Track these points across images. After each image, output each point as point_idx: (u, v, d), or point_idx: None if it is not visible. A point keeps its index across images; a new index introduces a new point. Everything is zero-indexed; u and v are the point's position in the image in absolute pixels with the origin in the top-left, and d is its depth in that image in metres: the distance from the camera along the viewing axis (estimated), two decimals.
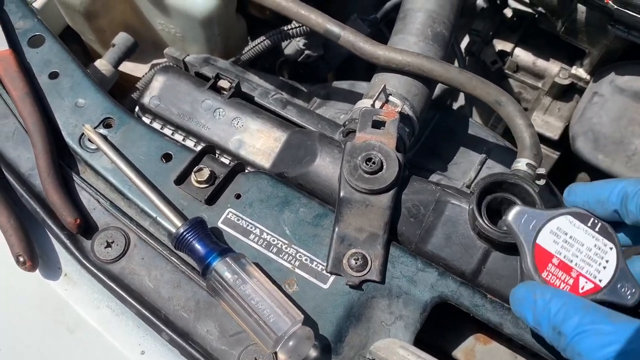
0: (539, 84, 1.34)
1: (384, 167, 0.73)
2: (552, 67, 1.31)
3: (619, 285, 0.61)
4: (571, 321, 0.55)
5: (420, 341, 0.70)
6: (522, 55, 1.33)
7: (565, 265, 0.63)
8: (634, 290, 0.61)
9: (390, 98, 0.80)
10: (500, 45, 1.34)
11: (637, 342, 0.50)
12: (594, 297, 0.61)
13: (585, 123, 1.13)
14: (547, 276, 0.63)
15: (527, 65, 1.33)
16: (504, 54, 1.34)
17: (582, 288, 0.62)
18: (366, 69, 1.39)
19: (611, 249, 0.62)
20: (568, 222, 0.64)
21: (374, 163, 0.73)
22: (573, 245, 0.64)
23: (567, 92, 1.32)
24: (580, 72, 1.25)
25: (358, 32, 0.82)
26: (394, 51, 0.80)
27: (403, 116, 0.79)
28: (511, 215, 0.65)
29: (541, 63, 1.32)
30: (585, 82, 1.24)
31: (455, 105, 1.49)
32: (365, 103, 0.80)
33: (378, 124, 0.76)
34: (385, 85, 0.78)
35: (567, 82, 1.27)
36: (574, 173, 1.35)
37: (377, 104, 0.78)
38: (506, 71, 1.35)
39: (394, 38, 0.87)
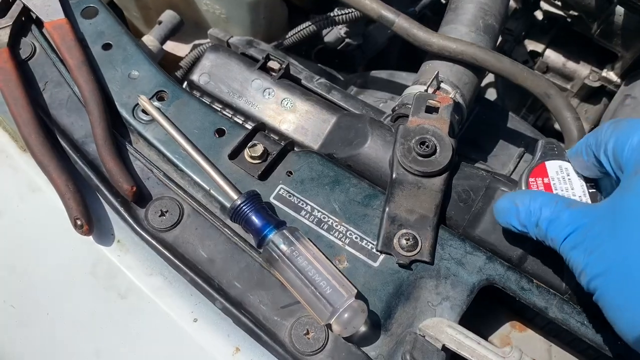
0: (568, 86, 1.36)
1: (437, 150, 0.74)
2: (582, 70, 1.33)
3: None
4: (544, 214, 0.63)
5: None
6: (553, 57, 1.35)
7: (549, 188, 0.71)
8: None
9: (442, 85, 0.81)
10: (531, 45, 1.37)
11: (589, 219, 0.59)
12: None
13: None
14: (531, 182, 0.72)
15: (557, 66, 1.35)
16: (535, 54, 1.36)
17: None
18: (397, 62, 1.41)
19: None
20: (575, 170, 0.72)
21: (427, 146, 0.74)
22: (566, 183, 0.71)
23: (595, 95, 1.34)
24: (610, 75, 1.27)
25: (412, 19, 0.84)
26: (448, 39, 0.82)
27: (454, 103, 0.80)
28: (545, 141, 0.74)
29: (571, 65, 1.34)
30: (616, 85, 1.26)
31: None
32: (416, 89, 0.82)
33: (430, 110, 0.78)
34: (438, 72, 0.79)
35: (597, 84, 1.29)
36: None
37: (430, 90, 0.80)
38: (536, 71, 1.37)
39: (445, 27, 0.89)
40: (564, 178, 0.72)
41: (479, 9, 0.88)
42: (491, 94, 1.45)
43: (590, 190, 0.70)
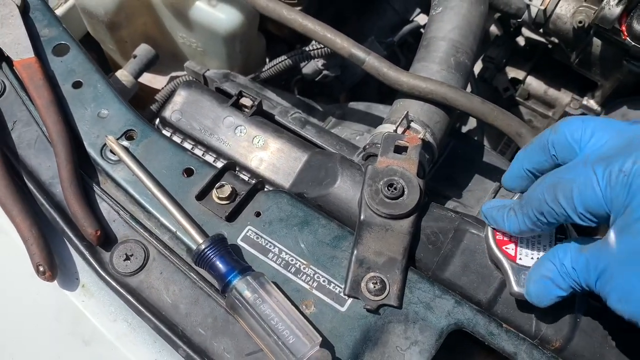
0: (550, 113, 1.35)
1: (405, 192, 0.74)
2: (563, 97, 1.33)
3: (522, 273, 0.68)
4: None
5: None
6: (534, 84, 1.35)
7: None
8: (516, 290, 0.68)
9: (412, 124, 0.81)
10: (512, 72, 1.36)
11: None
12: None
13: None
14: None
15: (539, 93, 1.35)
16: (516, 82, 1.36)
17: (507, 248, 0.70)
18: (378, 90, 1.41)
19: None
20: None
21: (395, 189, 0.73)
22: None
23: None
24: (591, 103, 1.27)
25: (382, 58, 0.83)
26: (418, 79, 0.81)
27: (424, 143, 0.80)
28: None
29: (552, 92, 1.34)
30: (596, 114, 1.26)
31: (465, 129, 1.50)
32: (386, 128, 0.81)
33: (400, 149, 0.77)
34: (408, 112, 0.79)
35: (577, 112, 1.28)
36: None
37: (399, 130, 0.79)
38: (517, 98, 1.37)
39: (417, 65, 0.89)
40: None
41: (450, 46, 0.87)
42: (472, 121, 1.45)
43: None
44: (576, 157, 0.60)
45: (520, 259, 0.69)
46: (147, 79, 1.17)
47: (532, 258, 0.69)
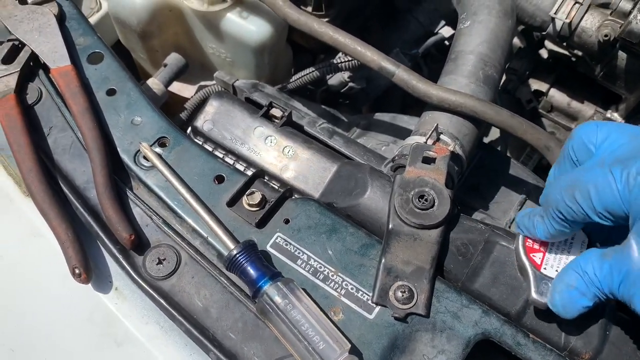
0: (572, 125, 1.36)
1: (436, 204, 0.75)
2: (587, 110, 1.33)
3: (543, 282, 0.69)
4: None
5: None
6: (557, 96, 1.36)
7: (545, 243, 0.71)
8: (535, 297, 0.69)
9: (442, 137, 0.82)
10: (535, 85, 1.37)
11: None
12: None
13: None
14: None
15: (562, 106, 1.35)
16: (539, 94, 1.37)
17: (535, 256, 0.71)
18: (401, 101, 1.42)
19: None
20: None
21: (426, 200, 0.74)
22: (566, 245, 0.71)
23: None
24: (615, 116, 1.27)
25: (411, 71, 0.84)
26: (448, 91, 0.82)
27: (453, 155, 0.80)
28: None
29: (576, 105, 1.34)
30: None
31: (487, 139, 1.51)
32: (416, 140, 0.82)
33: (428, 160, 0.78)
34: (437, 124, 0.80)
35: None
36: None
37: (429, 142, 0.80)
38: (540, 110, 1.37)
39: (445, 78, 0.90)
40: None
41: (479, 59, 0.88)
42: (494, 131, 1.45)
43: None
44: (592, 157, 0.62)
45: (545, 268, 0.70)
46: (177, 88, 1.19)
47: (556, 270, 0.69)
